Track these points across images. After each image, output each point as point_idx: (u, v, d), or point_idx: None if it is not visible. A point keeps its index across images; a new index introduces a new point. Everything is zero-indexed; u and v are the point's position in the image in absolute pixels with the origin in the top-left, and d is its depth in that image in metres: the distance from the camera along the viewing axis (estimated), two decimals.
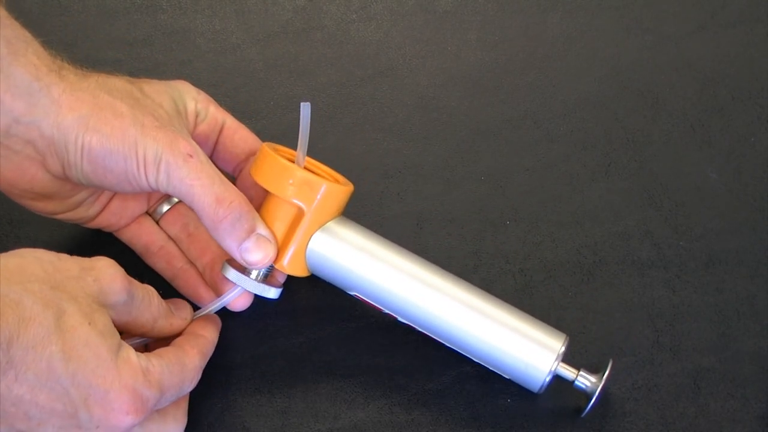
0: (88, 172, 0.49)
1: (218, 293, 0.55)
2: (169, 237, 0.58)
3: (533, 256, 0.62)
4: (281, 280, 0.56)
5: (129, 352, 0.46)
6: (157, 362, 0.47)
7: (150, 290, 0.50)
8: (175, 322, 0.52)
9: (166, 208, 0.58)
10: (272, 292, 0.54)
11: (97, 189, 0.54)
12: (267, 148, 0.53)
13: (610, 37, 0.72)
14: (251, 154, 0.58)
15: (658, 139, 0.67)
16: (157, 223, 0.58)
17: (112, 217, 0.56)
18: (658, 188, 0.65)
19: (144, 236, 0.58)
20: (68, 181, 0.51)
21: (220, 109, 0.57)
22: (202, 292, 0.56)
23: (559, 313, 0.59)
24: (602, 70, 0.71)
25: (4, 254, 0.45)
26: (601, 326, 0.59)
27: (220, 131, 0.57)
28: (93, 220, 0.56)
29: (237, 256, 0.52)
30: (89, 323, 0.44)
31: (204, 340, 0.52)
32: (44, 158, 0.49)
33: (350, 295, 0.55)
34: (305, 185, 0.52)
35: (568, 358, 0.53)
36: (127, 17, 0.70)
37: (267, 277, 0.55)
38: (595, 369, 0.54)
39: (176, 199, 0.58)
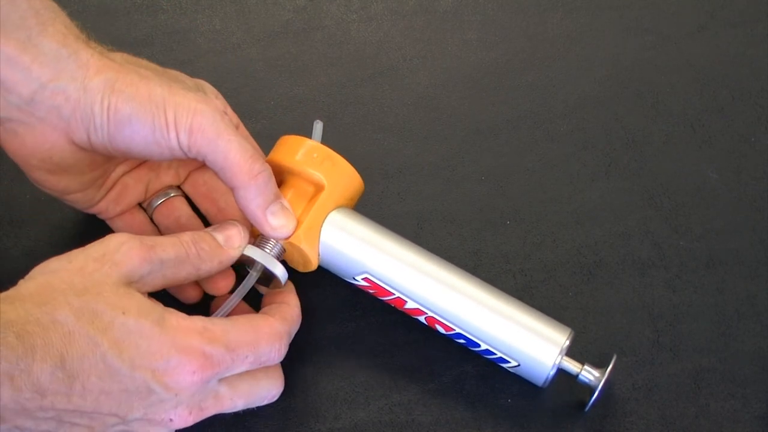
0: (114, 135, 0.49)
1: (204, 286, 0.56)
2: (159, 230, 0.59)
3: (533, 256, 0.62)
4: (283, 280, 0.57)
5: (176, 317, 0.47)
6: (220, 321, 0.49)
7: (186, 242, 0.50)
8: (225, 258, 0.52)
9: (158, 201, 0.59)
10: (279, 269, 0.53)
11: (118, 158, 0.54)
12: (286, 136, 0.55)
13: (610, 37, 0.72)
14: None
15: (658, 139, 0.67)
16: (151, 216, 0.59)
17: (110, 204, 0.57)
18: (658, 188, 0.65)
19: (135, 226, 0.58)
20: (89, 152, 0.51)
21: (234, 115, 0.59)
22: (188, 286, 0.57)
23: (559, 313, 0.59)
24: (602, 70, 0.71)
25: (21, 281, 0.46)
26: (601, 326, 0.59)
27: None
28: (93, 206, 0.56)
29: (261, 217, 0.52)
30: (123, 313, 0.45)
31: (285, 306, 0.53)
32: (69, 124, 0.49)
33: (353, 284, 0.55)
34: (328, 160, 0.54)
35: (572, 353, 0.53)
36: (127, 17, 0.70)
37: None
38: (598, 365, 0.54)
39: (172, 193, 0.59)
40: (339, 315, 0.59)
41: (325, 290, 0.57)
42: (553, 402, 0.56)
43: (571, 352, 0.54)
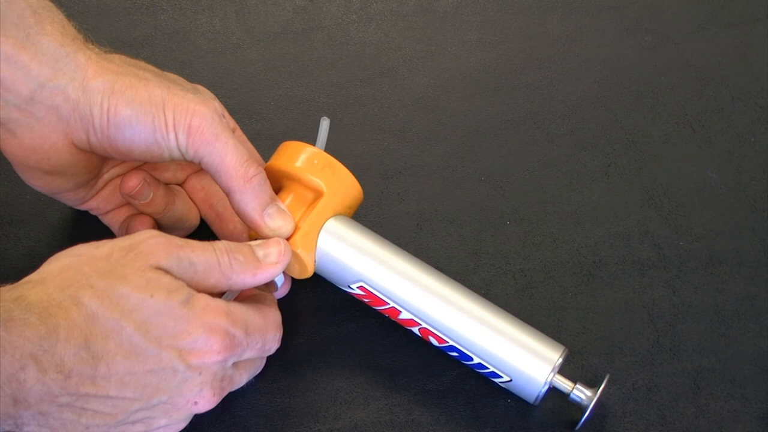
0: (114, 136, 0.50)
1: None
2: (155, 224, 0.59)
3: (533, 256, 0.62)
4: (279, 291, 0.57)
5: (204, 297, 0.47)
6: (238, 305, 0.49)
7: (218, 248, 0.49)
8: (261, 273, 0.51)
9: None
10: None
11: (115, 160, 0.55)
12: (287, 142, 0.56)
13: (610, 38, 0.72)
14: None
15: (658, 139, 0.67)
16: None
17: (101, 202, 0.57)
18: (658, 188, 0.65)
19: (123, 221, 0.58)
20: (86, 154, 0.51)
21: (231, 118, 0.58)
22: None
23: (559, 313, 0.59)
24: (602, 70, 0.71)
25: (45, 263, 0.46)
26: (601, 326, 0.59)
27: None
28: (84, 203, 0.56)
29: (258, 219, 0.52)
30: (151, 295, 0.45)
31: (269, 296, 0.54)
32: (68, 125, 0.49)
33: (348, 293, 0.55)
34: (328, 167, 0.54)
35: (566, 370, 0.53)
36: (127, 17, 0.70)
37: None
38: (592, 382, 0.54)
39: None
40: (339, 315, 0.59)
41: (325, 290, 0.57)
42: (553, 402, 0.56)
43: (570, 355, 0.54)
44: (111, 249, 0.46)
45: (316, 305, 0.59)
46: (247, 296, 0.54)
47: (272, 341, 0.51)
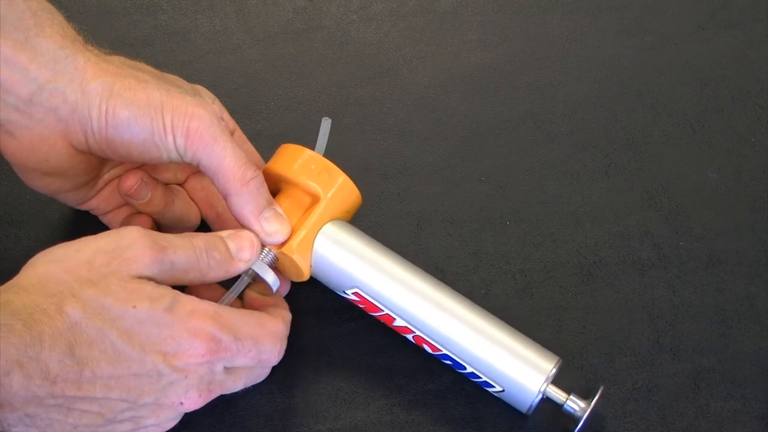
0: (112, 138, 0.50)
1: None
2: (154, 224, 0.59)
3: (533, 256, 0.62)
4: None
5: (189, 301, 0.47)
6: (231, 310, 0.49)
7: (198, 247, 0.49)
8: (233, 269, 0.52)
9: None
10: (271, 276, 0.53)
11: (114, 162, 0.55)
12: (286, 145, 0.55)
13: (610, 38, 0.72)
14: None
15: (658, 139, 0.67)
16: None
17: (101, 203, 0.57)
18: (658, 188, 0.65)
19: (126, 222, 0.58)
20: (85, 155, 0.52)
21: (231, 119, 0.58)
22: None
23: (559, 313, 0.59)
24: (602, 70, 0.71)
25: (23, 269, 0.46)
26: (601, 326, 0.59)
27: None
28: (84, 203, 0.56)
29: (255, 223, 0.52)
30: (133, 307, 0.45)
31: (281, 309, 0.54)
32: (67, 127, 0.49)
33: (344, 298, 0.55)
34: (325, 172, 0.54)
35: (565, 372, 0.53)
36: (127, 17, 0.70)
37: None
38: (592, 381, 0.53)
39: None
40: (339, 315, 0.59)
41: (325, 290, 0.57)
42: (552, 403, 0.56)
43: (569, 356, 0.54)
44: (93, 253, 0.46)
45: (316, 306, 0.59)
46: (259, 305, 0.54)
47: (269, 351, 0.50)
